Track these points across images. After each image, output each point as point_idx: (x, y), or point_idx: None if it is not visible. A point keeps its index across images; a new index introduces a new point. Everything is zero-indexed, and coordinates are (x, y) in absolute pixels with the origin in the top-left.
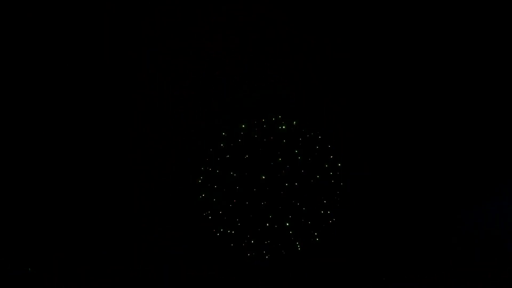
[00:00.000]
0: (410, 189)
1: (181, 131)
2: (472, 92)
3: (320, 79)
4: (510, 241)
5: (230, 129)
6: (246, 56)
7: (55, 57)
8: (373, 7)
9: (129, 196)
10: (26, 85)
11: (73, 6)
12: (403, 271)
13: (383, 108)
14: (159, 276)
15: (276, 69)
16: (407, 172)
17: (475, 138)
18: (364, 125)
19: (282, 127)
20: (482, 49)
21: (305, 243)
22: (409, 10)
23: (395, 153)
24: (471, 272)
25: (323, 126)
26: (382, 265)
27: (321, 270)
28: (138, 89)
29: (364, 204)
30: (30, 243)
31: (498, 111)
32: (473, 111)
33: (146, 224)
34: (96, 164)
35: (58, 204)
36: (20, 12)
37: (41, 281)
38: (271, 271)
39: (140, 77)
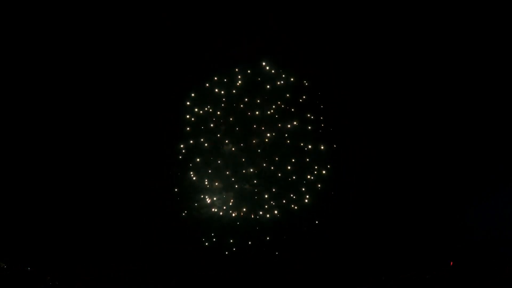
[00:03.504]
0: (409, 188)
1: None
2: (472, 94)
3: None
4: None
5: None
6: None
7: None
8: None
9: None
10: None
11: None
12: (402, 270)
13: (384, 107)
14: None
15: None
16: (406, 172)
17: (475, 139)
18: (365, 124)
19: None
20: (482, 49)
21: None
22: (408, 10)
23: (394, 153)
24: (470, 271)
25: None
26: (381, 264)
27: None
28: None
29: (364, 204)
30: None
31: (498, 112)
32: (473, 112)
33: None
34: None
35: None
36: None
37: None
38: None
39: None
